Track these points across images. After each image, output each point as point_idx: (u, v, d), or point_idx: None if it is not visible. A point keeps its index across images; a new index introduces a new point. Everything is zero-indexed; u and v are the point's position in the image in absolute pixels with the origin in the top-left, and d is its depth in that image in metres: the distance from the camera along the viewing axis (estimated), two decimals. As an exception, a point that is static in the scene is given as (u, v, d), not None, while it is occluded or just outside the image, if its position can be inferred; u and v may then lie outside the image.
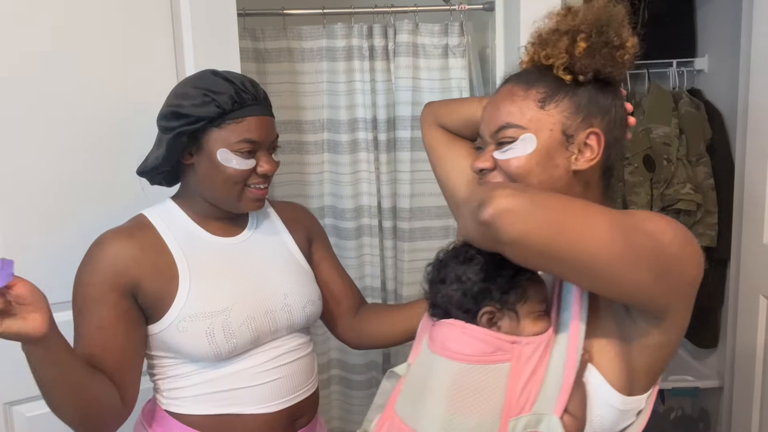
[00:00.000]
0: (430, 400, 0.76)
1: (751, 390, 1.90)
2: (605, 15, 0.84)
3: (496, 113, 0.87)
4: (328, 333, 2.15)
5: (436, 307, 0.84)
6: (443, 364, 0.76)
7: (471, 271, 0.80)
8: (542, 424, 0.71)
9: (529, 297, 0.79)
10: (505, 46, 1.92)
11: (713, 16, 2.50)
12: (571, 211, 0.68)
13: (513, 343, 0.75)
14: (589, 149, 0.84)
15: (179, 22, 1.47)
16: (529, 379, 0.74)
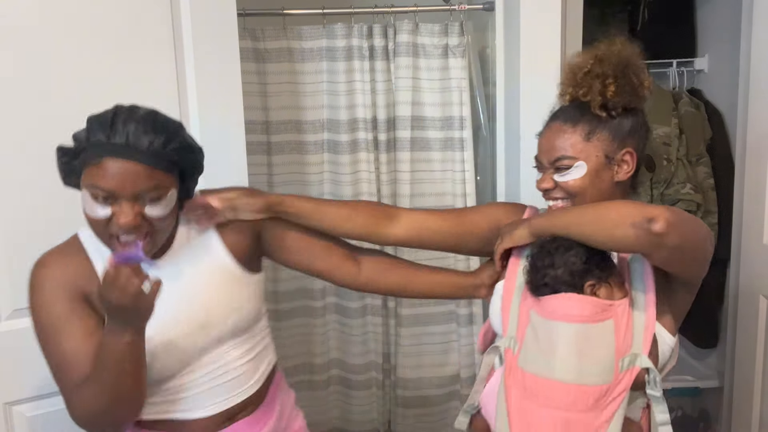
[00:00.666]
0: (561, 354, 1.00)
1: (751, 390, 1.90)
2: (625, 60, 1.11)
3: (553, 148, 1.14)
4: (328, 333, 2.17)
5: (545, 287, 1.05)
6: (567, 327, 1.01)
7: (573, 257, 1.04)
8: (638, 359, 1.00)
9: (614, 272, 1.06)
10: (505, 46, 1.92)
11: (713, 16, 2.50)
12: (695, 224, 1.01)
13: (611, 305, 1.03)
14: (626, 164, 1.13)
15: (179, 22, 1.47)
16: (626, 330, 1.02)
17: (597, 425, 0.97)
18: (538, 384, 1.01)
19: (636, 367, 1.00)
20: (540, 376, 1.01)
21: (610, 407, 0.98)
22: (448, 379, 2.14)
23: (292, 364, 2.17)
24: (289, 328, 2.15)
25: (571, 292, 1.03)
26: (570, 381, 0.99)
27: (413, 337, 2.10)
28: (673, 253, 0.97)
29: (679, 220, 0.94)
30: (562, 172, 1.12)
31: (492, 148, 2.05)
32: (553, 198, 1.16)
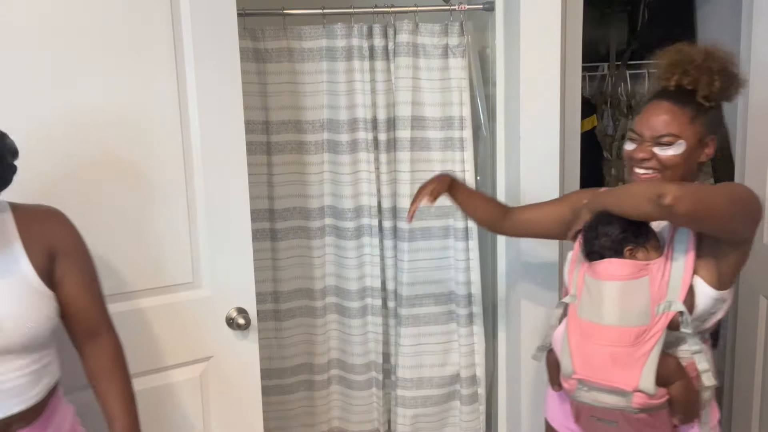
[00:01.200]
0: (608, 306, 1.27)
1: (751, 390, 1.90)
2: (729, 61, 1.29)
3: (659, 122, 1.30)
4: (329, 333, 2.18)
5: (593, 254, 1.31)
6: (612, 285, 1.28)
7: (613, 229, 1.28)
8: (673, 305, 1.23)
9: (650, 237, 1.28)
10: (505, 46, 1.92)
11: (713, 16, 2.50)
12: (708, 192, 1.18)
13: (647, 265, 1.27)
14: (708, 149, 1.32)
15: (179, 22, 1.47)
16: (660, 283, 1.25)
17: (638, 356, 1.22)
18: (591, 328, 1.28)
19: (671, 311, 1.22)
20: (592, 322, 1.28)
21: (649, 342, 1.22)
22: (448, 379, 2.14)
23: (292, 364, 2.17)
24: (289, 328, 2.15)
25: (614, 257, 1.28)
26: (614, 324, 1.25)
27: (413, 337, 2.10)
28: (687, 219, 1.18)
29: (687, 193, 1.13)
30: (663, 147, 1.29)
31: (492, 148, 2.05)
32: (645, 168, 1.32)
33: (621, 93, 2.56)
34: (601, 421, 1.29)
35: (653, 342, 1.22)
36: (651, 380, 1.21)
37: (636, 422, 1.26)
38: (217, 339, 1.58)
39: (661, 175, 1.31)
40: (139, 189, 1.46)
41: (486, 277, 2.14)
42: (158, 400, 1.53)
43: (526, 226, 1.58)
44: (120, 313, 1.46)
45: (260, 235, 2.06)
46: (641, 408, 1.23)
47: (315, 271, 2.12)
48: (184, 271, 1.54)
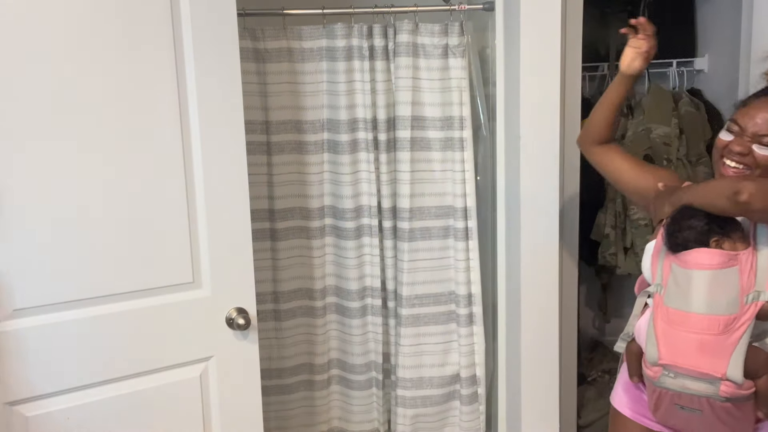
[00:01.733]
0: (696, 294, 1.28)
1: (751, 390, 1.89)
2: None
3: (766, 121, 1.30)
4: (329, 333, 2.18)
5: (677, 245, 1.32)
6: (701, 274, 1.28)
7: (697, 220, 1.30)
8: (762, 295, 1.24)
9: (736, 228, 1.30)
10: (505, 46, 1.92)
11: (713, 16, 2.50)
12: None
13: (735, 255, 1.28)
14: None
15: (179, 22, 1.47)
16: (749, 273, 1.27)
17: (726, 345, 1.23)
18: (679, 316, 1.29)
19: (760, 301, 1.24)
20: (680, 309, 1.29)
21: (738, 332, 1.23)
22: (448, 379, 2.14)
23: (292, 364, 2.17)
24: (289, 328, 2.15)
25: (698, 247, 1.29)
26: (703, 312, 1.26)
27: (413, 337, 2.10)
28: (762, 214, 1.23)
29: (763, 190, 1.19)
30: (763, 146, 1.30)
31: (492, 148, 2.05)
32: (738, 161, 1.33)
33: (621, 93, 2.57)
34: (685, 410, 1.30)
35: (742, 331, 1.23)
36: (739, 369, 1.22)
37: (721, 411, 1.26)
38: (217, 339, 1.58)
39: (750, 172, 1.31)
40: (139, 189, 1.46)
41: (486, 277, 2.14)
42: (158, 400, 1.53)
43: (612, 168, 1.57)
44: (120, 313, 1.46)
45: (260, 235, 2.05)
46: (728, 397, 1.24)
47: (315, 271, 2.12)
48: (184, 271, 1.54)
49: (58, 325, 1.39)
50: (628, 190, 1.57)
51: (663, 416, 1.37)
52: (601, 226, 2.48)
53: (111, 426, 1.48)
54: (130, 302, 1.47)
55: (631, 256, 2.45)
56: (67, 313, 1.40)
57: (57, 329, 1.39)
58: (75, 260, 1.40)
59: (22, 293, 1.36)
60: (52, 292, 1.38)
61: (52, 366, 1.40)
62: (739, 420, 1.28)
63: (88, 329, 1.42)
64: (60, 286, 1.39)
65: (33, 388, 1.39)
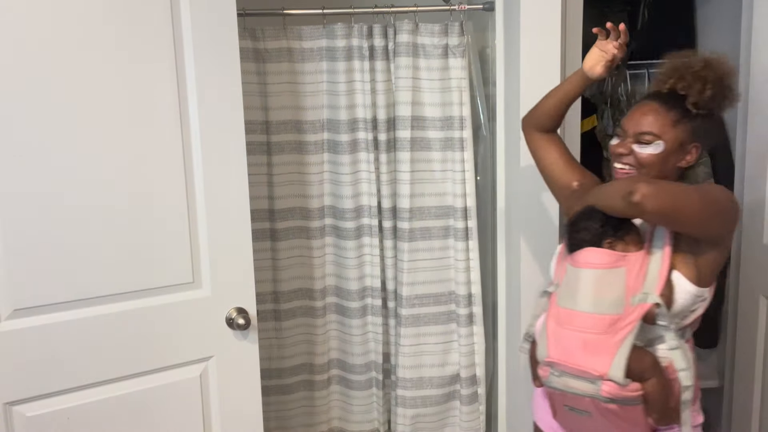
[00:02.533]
0: (582, 291, 1.28)
1: (751, 390, 1.90)
2: (727, 72, 1.31)
3: (643, 121, 1.32)
4: (329, 333, 2.17)
5: (573, 246, 1.33)
6: (588, 272, 1.29)
7: (594, 222, 1.30)
8: (649, 298, 1.23)
9: (629, 231, 1.30)
10: (505, 46, 1.92)
11: (713, 16, 2.50)
12: (679, 192, 1.19)
13: (624, 256, 1.28)
14: (690, 155, 1.33)
15: (179, 22, 1.47)
16: (637, 275, 1.26)
17: (610, 344, 1.22)
18: (567, 314, 1.29)
19: (647, 303, 1.23)
20: (568, 308, 1.29)
21: (622, 332, 1.22)
22: (448, 379, 2.14)
23: (292, 364, 2.17)
24: (289, 328, 2.15)
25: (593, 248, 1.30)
26: (588, 311, 1.26)
27: (413, 337, 2.10)
28: (657, 217, 1.22)
29: (657, 191, 1.16)
30: (642, 144, 1.31)
31: (492, 148, 2.05)
32: (623, 162, 1.35)
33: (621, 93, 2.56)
34: (574, 411, 1.29)
35: (626, 332, 1.22)
36: (621, 369, 1.19)
37: (608, 414, 1.24)
38: (217, 339, 1.58)
39: (636, 172, 1.32)
40: (140, 189, 1.46)
41: (486, 277, 2.14)
42: (158, 400, 1.53)
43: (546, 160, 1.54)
44: (120, 313, 1.46)
45: (260, 235, 2.06)
46: (611, 398, 1.21)
47: (315, 271, 2.12)
48: (184, 271, 1.54)
49: (58, 325, 1.39)
50: (554, 184, 1.54)
51: (561, 420, 1.36)
52: (601, 226, 2.48)
53: (111, 426, 1.48)
54: (130, 302, 1.47)
55: (631, 256, 2.44)
56: (67, 313, 1.40)
57: (57, 329, 1.39)
58: (75, 260, 1.40)
59: (22, 293, 1.36)
60: (52, 292, 1.38)
61: (52, 366, 1.40)
62: (631, 425, 1.25)
63: (88, 329, 1.42)
64: (60, 286, 1.39)
65: (33, 388, 1.39)
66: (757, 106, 1.85)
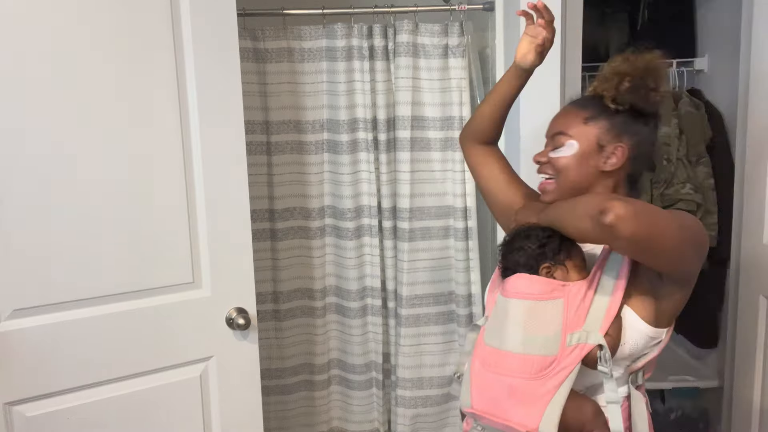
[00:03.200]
0: (510, 327, 1.09)
1: (751, 390, 1.90)
2: (649, 65, 1.16)
3: (555, 123, 1.23)
4: (329, 333, 2.17)
5: (507, 270, 1.17)
6: (517, 303, 1.10)
7: (530, 242, 1.14)
8: (591, 337, 1.05)
9: (572, 255, 1.13)
10: (505, 46, 1.92)
11: (713, 16, 2.50)
12: (657, 215, 1.01)
13: (563, 285, 1.10)
14: (614, 156, 1.18)
15: (179, 22, 1.47)
16: (578, 309, 1.07)
17: (541, 393, 1.04)
18: (492, 355, 1.11)
19: (587, 343, 1.04)
20: (494, 347, 1.12)
21: (556, 378, 1.04)
22: (448, 379, 2.14)
23: (292, 364, 2.17)
24: (289, 328, 2.15)
25: (525, 273, 1.13)
26: (516, 351, 1.08)
27: (413, 337, 2.10)
28: (629, 244, 0.99)
29: (635, 213, 0.95)
30: (555, 148, 1.21)
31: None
32: (543, 172, 1.25)
33: (621, 93, 2.57)
34: None
35: (562, 377, 1.03)
36: (553, 423, 1.01)
37: None
38: (217, 339, 1.58)
39: (556, 181, 1.21)
40: (139, 189, 1.46)
41: (486, 277, 2.14)
42: (158, 400, 1.53)
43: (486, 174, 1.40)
44: (120, 313, 1.46)
45: (260, 235, 2.05)
46: None
47: (315, 271, 2.12)
48: (184, 271, 1.54)
49: (58, 325, 1.39)
50: (496, 204, 1.40)
51: None
52: (601, 226, 2.48)
53: (111, 426, 1.48)
54: (130, 302, 1.47)
55: (631, 256, 2.45)
56: (67, 313, 1.40)
57: (57, 329, 1.39)
58: (75, 260, 1.40)
59: (22, 293, 1.36)
60: (52, 292, 1.38)
61: (52, 366, 1.40)
62: None
63: (88, 329, 1.42)
64: (60, 286, 1.39)
65: (33, 388, 1.39)
66: (757, 106, 1.85)
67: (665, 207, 2.37)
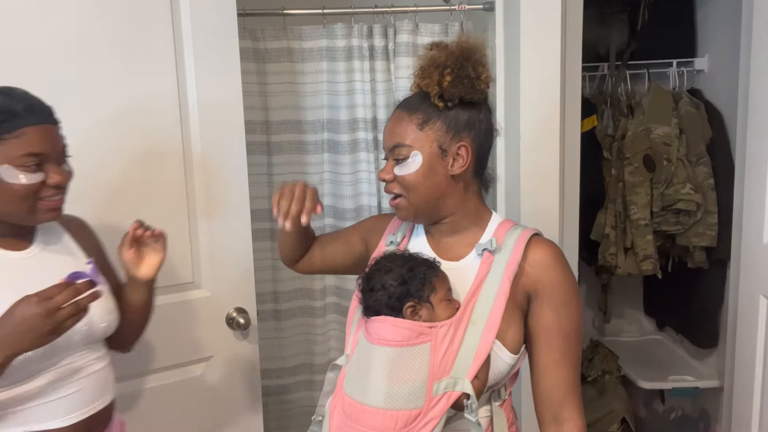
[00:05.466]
0: (373, 379, 1.00)
1: (751, 390, 1.89)
2: (465, 52, 1.09)
3: (391, 134, 1.12)
4: (329, 333, 2.17)
5: (369, 309, 1.06)
6: (381, 351, 1.01)
7: (392, 279, 1.04)
8: (458, 384, 0.98)
9: (437, 289, 1.04)
10: (505, 46, 1.92)
11: (713, 16, 2.50)
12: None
13: (431, 327, 1.01)
14: (460, 158, 1.10)
15: (179, 22, 1.47)
16: (446, 352, 1.00)
17: None
18: (354, 408, 1.02)
19: (455, 391, 0.98)
20: (355, 399, 1.02)
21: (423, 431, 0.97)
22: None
23: (292, 364, 2.17)
24: (289, 328, 2.15)
25: (391, 315, 1.02)
26: (379, 406, 0.99)
27: (413, 337, 2.10)
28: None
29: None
30: (400, 163, 1.10)
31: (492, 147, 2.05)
32: (390, 191, 1.13)
33: (621, 93, 2.56)
34: None
35: (428, 430, 0.97)
36: None
37: None
38: (217, 339, 1.58)
39: (406, 199, 1.10)
40: (140, 189, 1.46)
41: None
42: (158, 400, 1.53)
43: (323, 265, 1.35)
44: (120, 313, 1.46)
45: (260, 235, 2.05)
46: None
47: (315, 271, 2.12)
48: (184, 271, 1.54)
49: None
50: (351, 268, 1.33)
51: None
52: (601, 226, 2.48)
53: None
54: (130, 302, 1.47)
55: (631, 256, 2.45)
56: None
57: (57, 329, 1.39)
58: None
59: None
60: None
61: (52, 366, 1.39)
62: None
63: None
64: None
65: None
66: (757, 106, 1.85)
67: (665, 207, 2.38)
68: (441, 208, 1.12)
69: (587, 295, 2.94)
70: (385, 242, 1.22)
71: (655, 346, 2.83)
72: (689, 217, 2.36)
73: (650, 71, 2.57)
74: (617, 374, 2.59)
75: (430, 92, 1.09)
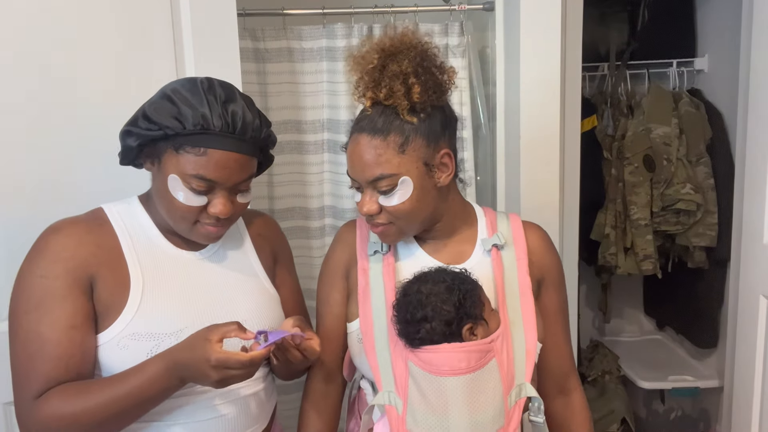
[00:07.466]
0: (453, 413, 0.92)
1: (751, 390, 1.89)
2: (422, 53, 1.00)
3: (366, 166, 1.01)
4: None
5: (421, 340, 0.97)
6: (454, 382, 0.93)
7: (443, 304, 0.96)
8: (523, 390, 0.96)
9: (484, 303, 1.00)
10: (505, 46, 1.92)
11: (713, 16, 2.50)
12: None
13: (491, 342, 0.96)
14: (445, 167, 1.04)
15: (179, 22, 1.47)
16: (508, 363, 0.97)
17: None
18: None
19: (521, 398, 0.97)
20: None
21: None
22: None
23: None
24: (289, 328, 2.14)
25: (450, 342, 0.96)
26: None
27: (413, 337, 2.10)
28: None
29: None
30: (387, 194, 1.01)
31: (492, 148, 2.05)
32: (377, 224, 1.04)
33: (621, 93, 2.56)
34: None
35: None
36: None
37: None
38: (217, 339, 1.58)
39: (395, 225, 1.03)
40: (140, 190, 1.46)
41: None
42: (158, 400, 1.53)
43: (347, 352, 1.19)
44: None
45: (260, 235, 2.05)
46: None
47: (315, 271, 2.11)
48: (184, 271, 1.53)
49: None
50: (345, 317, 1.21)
51: None
52: (601, 226, 2.48)
53: (111, 426, 1.48)
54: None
55: (631, 256, 2.45)
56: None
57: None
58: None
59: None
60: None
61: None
62: None
63: (88, 329, 1.42)
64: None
65: (33, 388, 1.39)
66: (757, 106, 1.85)
67: (665, 207, 2.38)
68: (430, 220, 1.07)
69: (587, 295, 2.94)
70: (366, 252, 1.12)
71: (655, 346, 2.84)
72: (689, 217, 2.36)
73: (650, 71, 2.57)
74: (617, 374, 2.59)
75: (399, 108, 0.99)
